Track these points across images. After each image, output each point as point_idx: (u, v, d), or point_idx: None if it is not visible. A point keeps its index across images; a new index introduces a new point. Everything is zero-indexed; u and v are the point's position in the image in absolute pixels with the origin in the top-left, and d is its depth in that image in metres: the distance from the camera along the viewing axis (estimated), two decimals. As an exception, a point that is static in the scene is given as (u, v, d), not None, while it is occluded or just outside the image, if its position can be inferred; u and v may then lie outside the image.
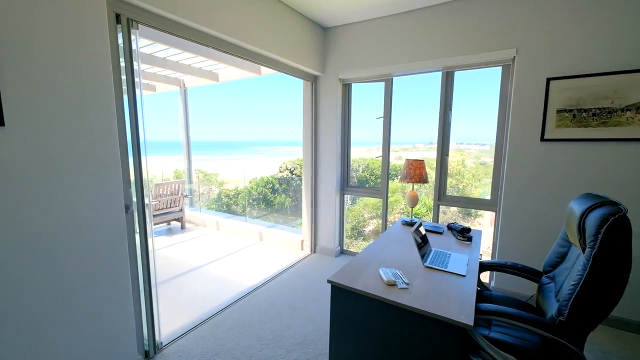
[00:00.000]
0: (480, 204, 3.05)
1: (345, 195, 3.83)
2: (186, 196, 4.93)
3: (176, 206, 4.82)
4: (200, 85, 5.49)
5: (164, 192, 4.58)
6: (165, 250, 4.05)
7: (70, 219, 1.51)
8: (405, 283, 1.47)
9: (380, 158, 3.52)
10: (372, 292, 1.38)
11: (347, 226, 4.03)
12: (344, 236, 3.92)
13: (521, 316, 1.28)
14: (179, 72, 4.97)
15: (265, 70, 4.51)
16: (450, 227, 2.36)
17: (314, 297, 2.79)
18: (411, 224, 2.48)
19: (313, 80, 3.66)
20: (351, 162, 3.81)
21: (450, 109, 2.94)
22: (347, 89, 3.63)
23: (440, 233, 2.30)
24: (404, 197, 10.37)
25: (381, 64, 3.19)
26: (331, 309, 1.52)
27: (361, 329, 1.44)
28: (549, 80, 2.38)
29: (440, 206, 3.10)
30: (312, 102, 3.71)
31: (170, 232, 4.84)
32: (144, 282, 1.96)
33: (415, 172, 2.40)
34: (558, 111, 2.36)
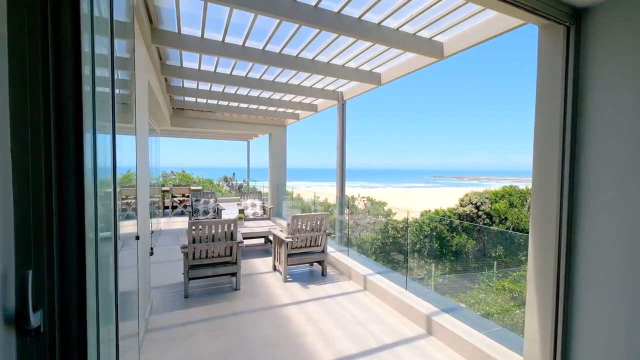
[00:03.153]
0: None
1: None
2: (329, 234, 3.78)
3: (317, 245, 3.74)
4: (363, 93, 4.39)
5: (303, 227, 3.59)
6: (290, 310, 2.94)
7: None
8: None
9: None
10: None
11: None
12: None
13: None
14: (338, 79, 4.06)
15: (448, 49, 2.81)
16: None
17: None
18: None
19: (572, 21, 1.63)
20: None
21: None
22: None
23: None
24: None
25: None
26: None
27: None
28: None
29: None
30: (563, 75, 1.67)
31: (310, 277, 3.79)
32: None
33: None
34: None
